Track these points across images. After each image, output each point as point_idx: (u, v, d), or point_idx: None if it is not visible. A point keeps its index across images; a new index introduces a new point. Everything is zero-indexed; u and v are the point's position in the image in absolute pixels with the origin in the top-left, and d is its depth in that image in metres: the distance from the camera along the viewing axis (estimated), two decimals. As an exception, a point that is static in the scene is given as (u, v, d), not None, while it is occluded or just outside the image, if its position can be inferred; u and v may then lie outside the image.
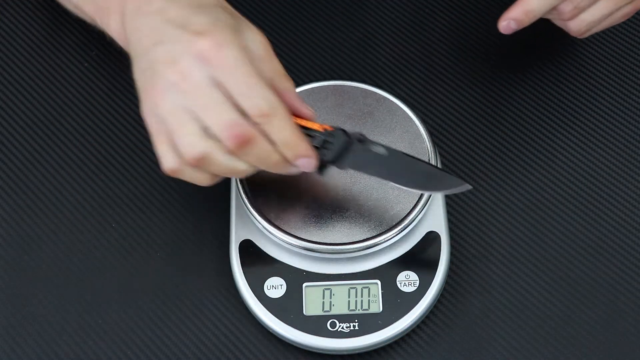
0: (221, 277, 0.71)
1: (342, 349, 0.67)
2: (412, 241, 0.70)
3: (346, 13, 0.86)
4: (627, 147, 0.78)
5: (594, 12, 0.72)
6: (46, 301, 0.71)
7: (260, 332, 0.69)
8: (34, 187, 0.76)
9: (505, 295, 0.71)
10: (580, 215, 0.75)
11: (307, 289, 0.68)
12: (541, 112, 0.80)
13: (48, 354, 0.69)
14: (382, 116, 0.73)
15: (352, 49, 0.84)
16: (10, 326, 0.70)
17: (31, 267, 0.72)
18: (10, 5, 0.86)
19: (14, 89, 0.81)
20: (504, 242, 0.73)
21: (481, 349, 0.69)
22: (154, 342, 0.69)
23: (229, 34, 0.59)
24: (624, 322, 0.70)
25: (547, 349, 0.69)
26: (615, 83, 0.82)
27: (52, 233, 0.74)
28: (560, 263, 0.72)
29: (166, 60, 0.59)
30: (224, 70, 0.58)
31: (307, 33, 0.85)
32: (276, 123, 0.59)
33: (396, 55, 0.83)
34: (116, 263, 0.72)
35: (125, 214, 0.75)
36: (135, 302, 0.71)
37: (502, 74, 0.82)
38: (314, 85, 0.75)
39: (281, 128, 0.60)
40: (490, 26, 0.85)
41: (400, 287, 0.68)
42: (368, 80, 0.81)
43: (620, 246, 0.73)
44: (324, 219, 0.68)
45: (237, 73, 0.59)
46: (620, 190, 0.76)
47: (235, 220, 0.71)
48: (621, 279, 0.72)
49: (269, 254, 0.69)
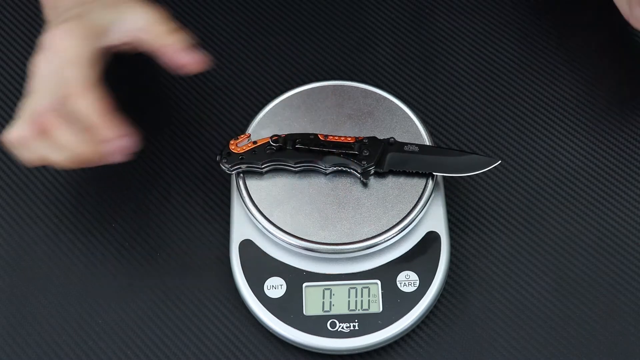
0: (221, 277, 0.71)
1: (342, 349, 0.67)
2: (412, 241, 0.70)
3: (346, 13, 0.86)
4: (627, 147, 0.78)
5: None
6: (46, 301, 0.71)
7: (260, 332, 0.69)
8: (34, 187, 0.76)
9: (505, 295, 0.71)
10: (580, 215, 0.75)
11: (307, 289, 0.68)
12: (541, 112, 0.80)
13: (48, 354, 0.69)
14: (382, 116, 0.73)
15: (352, 49, 0.84)
16: (10, 326, 0.70)
17: (31, 267, 0.72)
18: (10, 5, 0.87)
19: (14, 89, 0.81)
20: (504, 242, 0.73)
21: (481, 349, 0.69)
22: (154, 342, 0.69)
23: (72, 25, 0.67)
24: (623, 322, 0.70)
25: (547, 349, 0.69)
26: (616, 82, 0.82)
27: (52, 233, 0.74)
28: (560, 263, 0.72)
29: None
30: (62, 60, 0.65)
31: (307, 33, 0.85)
32: (81, 104, 0.64)
33: (396, 55, 0.83)
34: (116, 263, 0.72)
35: (125, 214, 0.75)
36: (135, 302, 0.71)
37: (502, 73, 0.82)
38: (314, 85, 0.75)
39: (86, 109, 0.64)
40: (490, 26, 0.85)
41: (400, 287, 0.68)
42: (368, 80, 0.81)
43: (620, 246, 0.73)
44: (324, 219, 0.68)
45: (65, 61, 0.65)
46: (620, 190, 0.76)
47: (235, 220, 0.71)
48: (621, 279, 0.72)
49: (269, 254, 0.69)
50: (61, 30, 0.67)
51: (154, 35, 0.69)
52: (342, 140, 0.70)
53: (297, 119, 0.73)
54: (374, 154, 0.69)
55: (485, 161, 0.70)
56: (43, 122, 0.65)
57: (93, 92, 0.65)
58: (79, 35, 0.66)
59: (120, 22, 0.69)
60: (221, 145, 0.78)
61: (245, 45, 0.84)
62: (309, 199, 0.69)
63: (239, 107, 0.80)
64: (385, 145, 0.70)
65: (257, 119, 0.73)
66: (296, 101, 0.74)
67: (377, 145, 0.70)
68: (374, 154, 0.69)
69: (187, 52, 0.69)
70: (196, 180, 0.76)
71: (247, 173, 0.70)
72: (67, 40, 0.66)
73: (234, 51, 0.84)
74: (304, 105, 0.74)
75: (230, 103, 0.81)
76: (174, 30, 0.70)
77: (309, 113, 0.73)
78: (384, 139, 0.70)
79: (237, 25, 0.86)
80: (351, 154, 0.69)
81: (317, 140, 0.70)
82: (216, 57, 0.83)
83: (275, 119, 0.73)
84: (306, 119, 0.73)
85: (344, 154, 0.69)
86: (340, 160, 0.69)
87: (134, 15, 0.69)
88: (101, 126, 0.64)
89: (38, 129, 0.65)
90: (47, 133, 0.65)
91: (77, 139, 0.65)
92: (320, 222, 0.68)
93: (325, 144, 0.69)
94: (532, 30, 0.85)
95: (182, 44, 0.69)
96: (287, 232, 0.67)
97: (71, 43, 0.66)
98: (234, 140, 0.70)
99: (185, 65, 0.69)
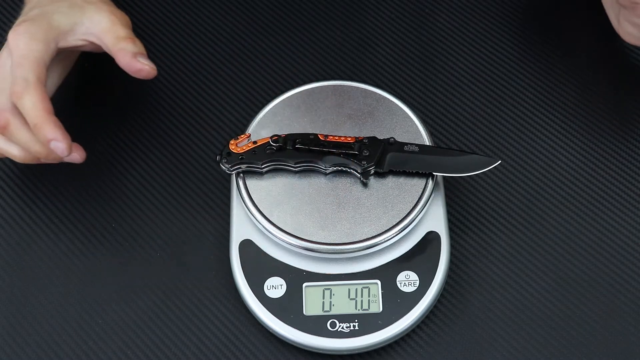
0: (221, 277, 0.71)
1: (342, 349, 0.67)
2: (412, 241, 0.70)
3: (346, 13, 0.86)
4: (627, 147, 0.78)
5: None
6: (46, 301, 0.71)
7: (260, 332, 0.69)
8: (34, 187, 0.76)
9: (505, 295, 0.71)
10: (580, 215, 0.75)
11: (307, 289, 0.68)
12: (541, 112, 0.80)
13: (48, 354, 0.69)
14: (382, 116, 0.73)
15: (352, 49, 0.84)
16: (10, 326, 0.70)
17: (31, 267, 0.72)
18: (10, 5, 0.87)
19: (14, 89, 0.81)
20: (504, 242, 0.73)
21: (481, 349, 0.69)
22: (154, 342, 0.69)
23: (30, 25, 0.69)
24: (623, 322, 0.70)
25: (547, 349, 0.69)
26: (615, 82, 0.82)
27: (52, 233, 0.74)
28: (560, 263, 0.72)
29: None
30: (14, 58, 0.68)
31: (307, 33, 0.85)
32: (25, 102, 0.67)
33: (396, 55, 0.83)
34: (116, 263, 0.72)
35: (125, 214, 0.75)
36: (135, 302, 0.71)
37: (502, 73, 0.82)
38: (314, 85, 0.75)
39: (30, 108, 0.67)
40: (490, 26, 0.85)
41: (400, 287, 0.68)
42: (368, 80, 0.81)
43: (620, 246, 0.73)
44: (324, 219, 0.68)
45: (16, 60, 0.68)
46: (620, 190, 0.76)
47: (235, 220, 0.71)
48: (621, 279, 0.72)
49: (269, 254, 0.69)
50: (20, 29, 0.69)
51: (112, 38, 0.72)
52: (342, 140, 0.70)
53: (297, 119, 0.73)
54: (374, 154, 0.69)
55: (485, 161, 0.70)
56: (0, 119, 0.68)
57: (37, 92, 0.67)
58: (34, 36, 0.69)
59: (83, 23, 0.72)
60: (221, 145, 0.78)
61: (245, 45, 0.84)
62: (309, 199, 0.69)
63: (239, 107, 0.80)
64: (385, 145, 0.70)
65: (257, 119, 0.73)
66: (296, 101, 0.74)
67: (377, 145, 0.70)
68: (374, 154, 0.69)
69: (139, 59, 0.72)
70: (196, 180, 0.76)
71: (247, 173, 0.70)
72: (21, 40, 0.69)
73: (234, 51, 0.84)
74: (304, 105, 0.74)
75: (230, 103, 0.81)
76: (131, 36, 0.73)
77: (309, 113, 0.73)
78: (384, 139, 0.70)
79: (237, 25, 0.86)
80: (351, 154, 0.69)
81: (317, 140, 0.70)
82: (216, 57, 0.83)
83: (275, 119, 0.73)
84: (306, 119, 0.73)
85: (344, 154, 0.69)
86: (341, 160, 0.69)
87: (98, 17, 0.73)
88: (41, 126, 0.67)
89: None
90: (4, 130, 0.69)
91: (29, 137, 0.68)
92: (320, 222, 0.68)
93: (325, 144, 0.69)
94: (531, 31, 0.85)
95: (136, 50, 0.72)
96: (287, 232, 0.67)
97: (24, 43, 0.69)
98: (234, 140, 0.70)
99: (138, 71, 0.73)
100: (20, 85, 0.67)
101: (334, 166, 0.69)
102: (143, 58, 0.73)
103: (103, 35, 0.72)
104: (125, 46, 0.72)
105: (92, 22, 0.73)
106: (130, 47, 0.72)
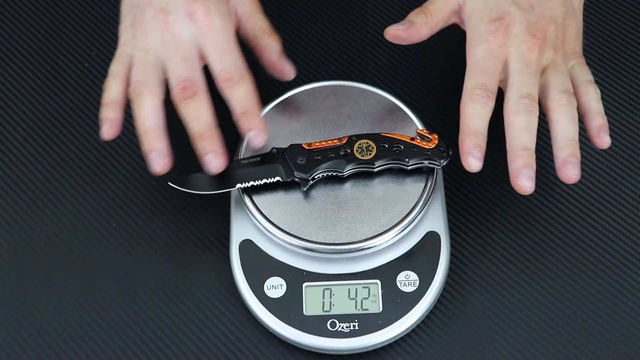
0: (221, 277, 0.71)
1: (342, 349, 0.67)
2: (412, 241, 0.70)
3: (346, 13, 0.86)
4: (627, 147, 0.78)
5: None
6: (46, 301, 0.71)
7: (260, 332, 0.69)
8: (34, 187, 0.76)
9: (505, 295, 0.71)
10: (581, 215, 0.75)
11: (307, 289, 0.68)
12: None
13: (48, 354, 0.69)
14: (382, 116, 0.73)
15: (352, 49, 0.84)
16: (10, 326, 0.70)
17: (31, 267, 0.72)
18: (10, 5, 0.87)
19: (14, 89, 0.81)
20: (504, 242, 0.73)
21: (481, 349, 0.69)
22: (154, 342, 0.69)
23: (218, 3, 0.68)
24: (624, 322, 0.70)
25: (547, 349, 0.69)
26: (616, 82, 0.82)
27: (52, 233, 0.74)
28: (560, 263, 0.72)
29: (159, 7, 0.68)
30: (207, 34, 0.67)
31: (307, 33, 0.85)
32: (238, 90, 0.67)
33: (396, 55, 0.83)
34: (116, 263, 0.72)
35: (125, 214, 0.75)
36: (135, 302, 0.71)
37: (502, 74, 0.82)
38: (314, 85, 0.75)
39: (242, 96, 0.67)
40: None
41: (400, 287, 0.68)
42: (368, 80, 0.81)
43: (620, 246, 0.73)
44: (323, 219, 0.68)
45: (216, 39, 0.67)
46: (621, 190, 0.76)
47: (235, 220, 0.71)
48: (621, 279, 0.72)
49: (269, 254, 0.69)
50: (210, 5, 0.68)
51: (257, 30, 0.72)
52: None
53: (297, 119, 0.73)
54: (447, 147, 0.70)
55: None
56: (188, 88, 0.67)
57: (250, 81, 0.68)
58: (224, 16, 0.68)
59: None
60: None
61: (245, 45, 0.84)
62: (309, 199, 0.69)
63: (239, 107, 0.80)
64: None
65: (257, 119, 0.73)
66: (296, 101, 0.74)
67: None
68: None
69: (280, 58, 0.72)
70: (196, 180, 0.76)
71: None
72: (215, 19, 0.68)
73: (234, 51, 0.84)
74: (304, 106, 0.74)
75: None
76: (275, 32, 0.72)
77: (309, 113, 0.73)
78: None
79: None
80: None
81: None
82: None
83: (275, 119, 0.73)
84: (306, 119, 0.73)
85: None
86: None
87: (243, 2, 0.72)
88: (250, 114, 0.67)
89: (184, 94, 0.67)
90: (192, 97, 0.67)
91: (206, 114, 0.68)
92: (320, 222, 0.68)
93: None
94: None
95: (280, 49, 0.72)
96: (287, 232, 0.67)
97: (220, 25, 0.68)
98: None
99: (281, 72, 0.73)
100: (234, 73, 0.67)
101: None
102: (285, 59, 0.72)
103: (246, 19, 0.72)
104: (271, 43, 0.72)
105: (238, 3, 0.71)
106: (276, 46, 0.72)
